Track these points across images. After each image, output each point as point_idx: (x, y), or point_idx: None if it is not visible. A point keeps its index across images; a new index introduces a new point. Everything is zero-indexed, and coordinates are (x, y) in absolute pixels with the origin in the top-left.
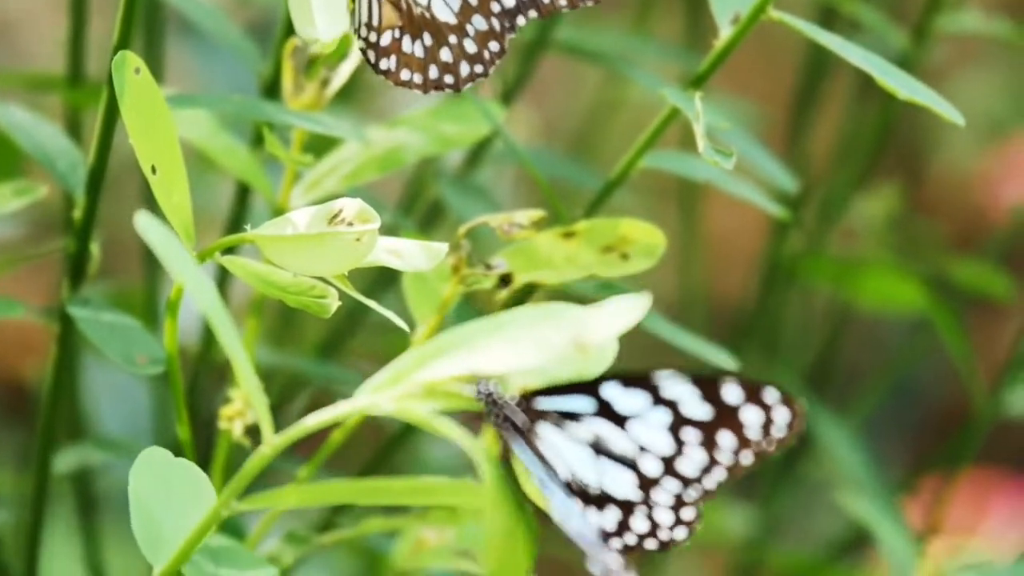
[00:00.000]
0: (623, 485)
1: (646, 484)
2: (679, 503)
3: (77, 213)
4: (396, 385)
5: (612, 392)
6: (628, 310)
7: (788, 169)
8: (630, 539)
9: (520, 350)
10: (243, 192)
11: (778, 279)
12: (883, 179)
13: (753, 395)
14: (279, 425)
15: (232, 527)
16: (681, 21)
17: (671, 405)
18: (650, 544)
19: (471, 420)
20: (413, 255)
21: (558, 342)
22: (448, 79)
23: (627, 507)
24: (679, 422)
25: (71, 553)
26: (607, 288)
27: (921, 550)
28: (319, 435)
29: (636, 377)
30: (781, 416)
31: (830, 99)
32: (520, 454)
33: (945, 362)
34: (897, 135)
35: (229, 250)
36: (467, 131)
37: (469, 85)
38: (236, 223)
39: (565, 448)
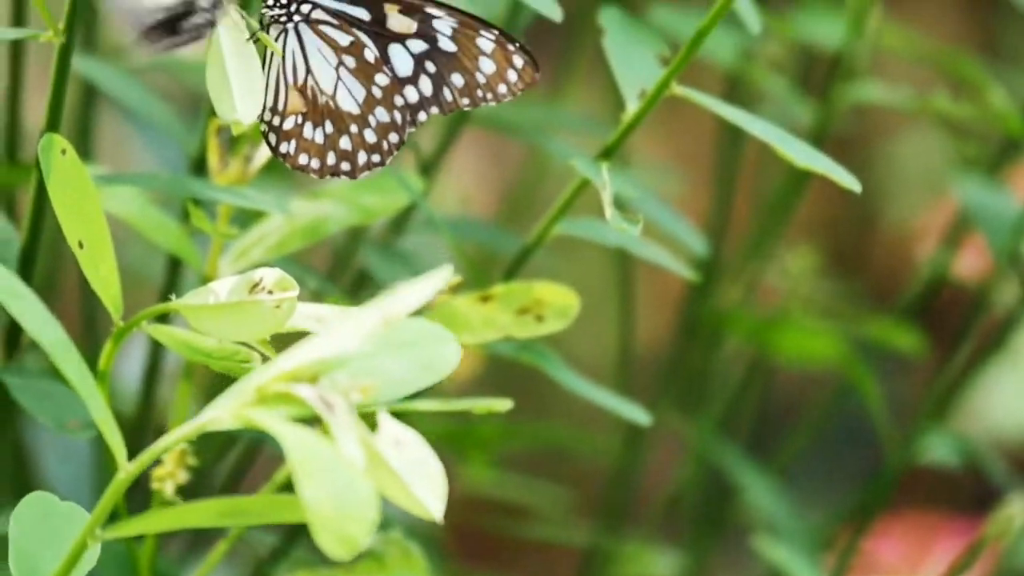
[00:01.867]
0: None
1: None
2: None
3: None
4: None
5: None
6: (428, 284)
7: (713, 227)
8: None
9: (336, 338)
10: (175, 263)
11: (697, 333)
12: (831, 234)
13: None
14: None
15: None
16: (603, 93)
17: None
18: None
19: None
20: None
21: (370, 323)
22: (345, 166)
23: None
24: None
25: None
26: (526, 348)
27: None
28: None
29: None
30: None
31: (752, 158)
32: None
33: (893, 411)
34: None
35: (160, 319)
36: (387, 202)
37: (366, 174)
38: (168, 292)
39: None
